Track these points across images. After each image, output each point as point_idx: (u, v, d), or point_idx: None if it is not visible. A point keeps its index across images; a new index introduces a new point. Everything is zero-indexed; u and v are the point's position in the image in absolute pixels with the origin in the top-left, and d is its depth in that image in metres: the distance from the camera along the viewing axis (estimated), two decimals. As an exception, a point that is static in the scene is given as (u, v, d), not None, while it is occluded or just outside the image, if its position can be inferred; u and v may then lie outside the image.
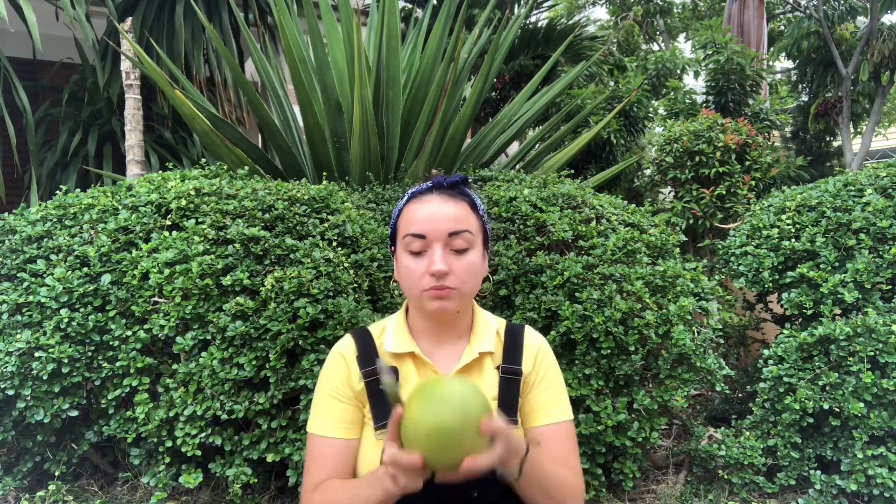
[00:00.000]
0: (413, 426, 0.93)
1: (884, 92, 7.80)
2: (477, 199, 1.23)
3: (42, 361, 2.29)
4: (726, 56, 5.37)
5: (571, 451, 1.20)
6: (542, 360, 1.23)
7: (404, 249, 1.16)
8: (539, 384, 1.22)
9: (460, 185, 1.20)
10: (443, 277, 1.12)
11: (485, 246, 1.23)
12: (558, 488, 1.12)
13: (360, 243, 2.71)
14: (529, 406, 1.21)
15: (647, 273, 2.67)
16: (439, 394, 0.94)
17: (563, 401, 1.23)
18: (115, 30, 4.41)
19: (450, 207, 1.15)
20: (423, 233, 1.13)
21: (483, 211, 1.23)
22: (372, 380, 1.18)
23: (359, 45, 3.32)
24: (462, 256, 1.14)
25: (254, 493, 2.50)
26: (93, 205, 2.72)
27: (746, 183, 4.32)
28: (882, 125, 12.16)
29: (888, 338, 2.51)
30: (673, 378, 2.59)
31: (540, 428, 1.20)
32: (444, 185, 1.18)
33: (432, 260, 1.12)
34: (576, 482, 1.18)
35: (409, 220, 1.16)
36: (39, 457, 2.51)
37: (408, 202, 1.20)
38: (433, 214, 1.14)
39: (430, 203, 1.16)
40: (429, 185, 1.19)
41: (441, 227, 1.13)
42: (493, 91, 6.46)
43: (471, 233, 1.16)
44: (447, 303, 1.14)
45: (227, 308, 2.33)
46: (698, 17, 11.70)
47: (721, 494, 2.73)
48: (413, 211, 1.16)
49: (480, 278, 1.20)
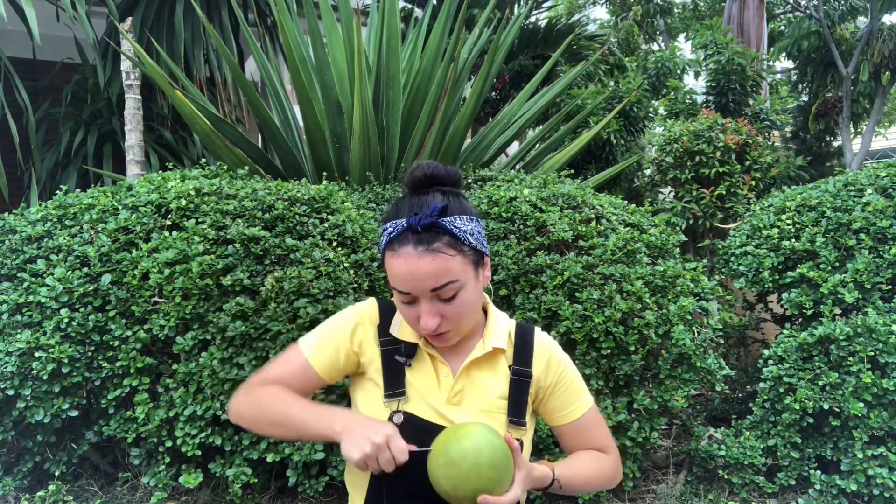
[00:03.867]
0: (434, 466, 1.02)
1: (884, 92, 7.80)
2: (460, 227, 1.10)
3: (42, 361, 2.29)
4: (727, 56, 5.37)
5: (601, 433, 1.29)
6: (555, 363, 1.24)
7: (396, 295, 1.14)
8: (556, 387, 1.24)
9: (437, 223, 1.08)
10: (436, 328, 1.12)
11: (479, 264, 1.16)
12: (595, 485, 1.26)
13: (360, 243, 2.71)
14: (553, 407, 1.25)
15: (647, 273, 2.67)
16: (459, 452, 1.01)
17: (581, 393, 1.28)
18: (116, 29, 4.41)
19: (426, 263, 1.07)
20: (406, 290, 1.10)
21: (471, 233, 1.12)
22: (388, 349, 1.20)
23: (359, 45, 3.32)
24: (452, 301, 1.10)
25: (254, 493, 2.50)
26: (93, 205, 2.72)
27: (746, 183, 4.32)
28: (882, 125, 12.16)
29: (888, 338, 2.51)
30: (673, 378, 2.59)
31: (568, 425, 1.26)
32: (419, 229, 1.08)
33: (421, 314, 1.11)
34: (607, 463, 1.28)
35: (392, 275, 1.11)
36: (39, 457, 2.51)
37: (386, 248, 1.11)
38: (412, 274, 1.07)
39: (407, 259, 1.07)
40: (403, 227, 1.09)
41: (422, 286, 1.08)
42: (493, 91, 6.46)
43: (455, 280, 1.09)
44: (447, 343, 1.17)
45: (227, 308, 2.33)
46: (698, 17, 11.70)
47: (721, 494, 2.73)
48: (393, 266, 1.10)
49: (478, 305, 1.18)
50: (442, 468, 1.01)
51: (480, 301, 1.19)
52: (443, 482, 1.01)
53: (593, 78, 6.41)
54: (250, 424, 1.18)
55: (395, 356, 1.19)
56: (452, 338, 1.16)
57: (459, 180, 1.18)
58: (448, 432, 1.05)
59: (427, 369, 1.19)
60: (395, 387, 1.17)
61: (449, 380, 1.18)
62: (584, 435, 1.28)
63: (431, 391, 1.17)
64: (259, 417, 1.16)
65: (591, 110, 4.91)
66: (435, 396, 1.17)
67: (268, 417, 1.14)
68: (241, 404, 1.19)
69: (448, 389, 1.17)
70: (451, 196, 1.14)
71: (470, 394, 1.18)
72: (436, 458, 1.02)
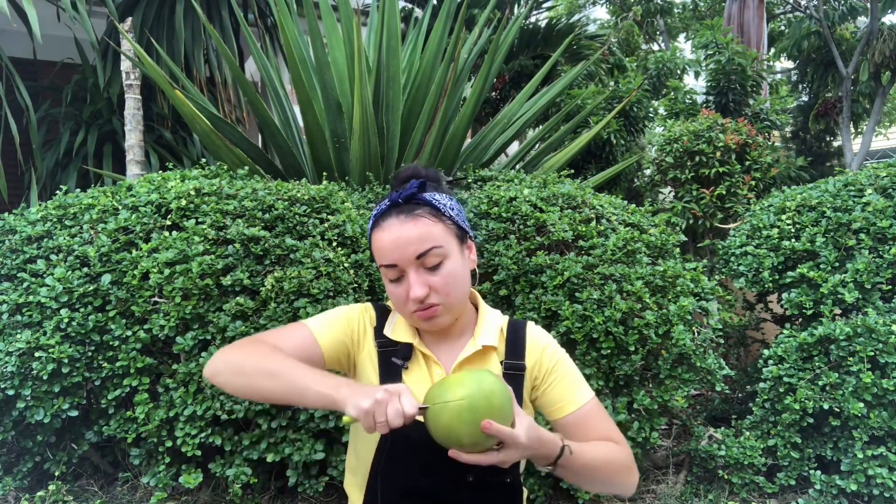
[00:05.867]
0: (442, 392, 0.97)
1: (884, 92, 7.80)
2: (440, 200, 1.17)
3: (42, 361, 2.29)
4: (728, 56, 5.37)
5: (606, 423, 1.21)
6: (549, 354, 1.22)
7: (384, 276, 1.17)
8: (550, 377, 1.21)
9: (417, 195, 1.15)
10: (424, 299, 1.12)
11: (463, 241, 1.19)
12: (609, 469, 1.14)
13: (360, 243, 2.71)
14: (550, 398, 1.21)
15: (647, 273, 2.67)
16: (476, 378, 0.98)
17: (579, 384, 1.23)
18: (116, 30, 4.41)
19: (409, 229, 1.11)
20: (392, 262, 1.12)
21: (451, 207, 1.18)
22: (384, 351, 1.20)
23: (359, 45, 3.32)
24: (438, 270, 1.12)
25: (254, 493, 2.50)
26: (93, 205, 2.72)
27: (746, 183, 4.32)
28: (882, 125, 12.16)
29: (888, 338, 2.51)
30: (673, 378, 2.59)
31: (567, 417, 1.20)
32: (400, 201, 1.14)
33: (409, 286, 1.12)
34: (619, 450, 1.18)
35: (378, 250, 1.15)
36: (39, 457, 2.52)
37: (372, 228, 1.17)
38: (395, 242, 1.11)
39: (391, 229, 1.12)
40: (387, 205, 1.16)
41: (406, 252, 1.11)
42: (493, 91, 6.46)
43: (439, 246, 1.12)
44: (437, 319, 1.15)
45: (227, 308, 2.33)
46: (698, 17, 11.70)
47: (721, 494, 2.73)
48: (378, 240, 1.14)
49: (466, 280, 1.18)
50: (443, 407, 0.95)
51: (468, 281, 1.19)
52: (443, 419, 0.95)
53: (594, 78, 6.40)
54: (238, 377, 1.05)
55: (392, 358, 1.18)
56: (442, 314, 1.15)
57: (440, 179, 1.23)
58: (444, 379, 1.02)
59: (421, 370, 1.19)
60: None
61: None
62: (589, 428, 1.19)
63: (425, 392, 1.17)
64: (248, 365, 1.04)
65: (591, 110, 4.91)
66: None
67: (263, 369, 1.03)
68: (228, 354, 1.09)
69: None
70: (430, 182, 1.21)
71: None
72: (437, 397, 0.97)
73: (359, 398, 0.93)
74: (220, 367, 1.08)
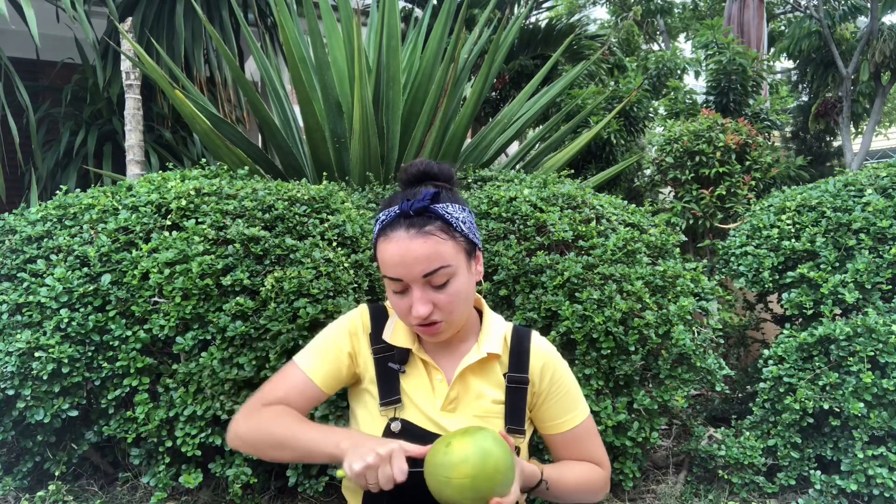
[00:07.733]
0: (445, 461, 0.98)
1: (884, 92, 7.80)
2: (452, 214, 1.11)
3: (42, 361, 2.29)
4: (728, 56, 5.37)
5: (594, 445, 1.26)
6: (550, 370, 1.21)
7: (388, 286, 1.13)
8: (550, 394, 1.21)
9: (429, 208, 1.09)
10: (428, 316, 1.10)
11: (472, 255, 1.15)
12: (580, 495, 1.22)
13: (360, 243, 2.71)
14: (546, 415, 1.22)
15: (647, 273, 2.67)
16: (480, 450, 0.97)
17: (578, 403, 1.24)
18: (116, 30, 4.41)
19: (418, 246, 1.06)
20: (397, 277, 1.08)
21: (463, 221, 1.12)
22: (381, 357, 1.18)
23: (359, 45, 3.32)
24: (444, 289, 1.09)
25: (254, 493, 2.50)
26: (93, 205, 2.72)
27: (746, 183, 4.32)
28: (882, 125, 12.17)
29: (888, 338, 2.51)
30: (673, 378, 2.59)
31: (558, 435, 1.23)
32: (411, 213, 1.08)
33: (412, 303, 1.09)
34: (598, 475, 1.25)
35: (383, 262, 1.10)
36: (39, 457, 2.51)
37: (379, 235, 1.12)
38: (402, 258, 1.07)
39: (398, 242, 1.07)
40: (396, 213, 1.09)
41: (413, 271, 1.07)
42: (493, 91, 6.46)
43: (447, 265, 1.08)
44: (439, 335, 1.14)
45: (227, 308, 2.33)
46: (698, 17, 11.70)
47: (721, 494, 2.73)
48: (384, 251, 1.09)
49: (471, 295, 1.16)
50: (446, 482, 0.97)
51: (473, 294, 1.17)
52: (446, 493, 0.97)
53: (594, 78, 6.40)
54: (252, 450, 1.13)
55: (389, 363, 1.17)
56: (444, 330, 1.13)
57: (453, 177, 1.18)
58: (446, 441, 1.00)
59: (420, 376, 1.17)
60: (391, 394, 1.15)
61: (443, 385, 1.16)
62: (577, 447, 1.23)
63: (425, 398, 1.15)
64: (262, 442, 1.11)
65: (591, 110, 4.91)
66: (428, 404, 1.15)
67: (272, 440, 1.10)
68: (241, 429, 1.14)
69: (443, 397, 1.15)
70: (444, 190, 1.15)
71: (465, 400, 1.16)
72: (439, 467, 0.98)
73: (352, 459, 0.98)
74: (237, 443, 1.15)
